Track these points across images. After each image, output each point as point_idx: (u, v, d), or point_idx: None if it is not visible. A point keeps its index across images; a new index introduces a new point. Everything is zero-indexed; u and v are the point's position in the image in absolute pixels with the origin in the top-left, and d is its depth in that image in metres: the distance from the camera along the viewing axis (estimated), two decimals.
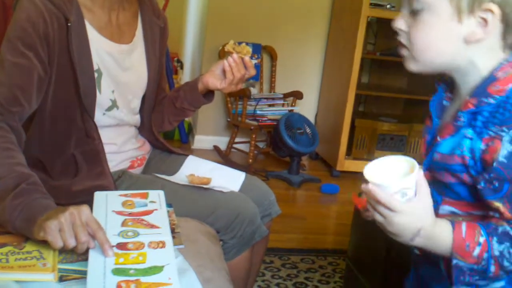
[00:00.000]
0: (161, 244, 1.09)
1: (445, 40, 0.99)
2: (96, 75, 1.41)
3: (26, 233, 1.09)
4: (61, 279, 1.01)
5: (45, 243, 1.06)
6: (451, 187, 1.03)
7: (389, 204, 0.91)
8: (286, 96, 4.10)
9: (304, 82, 4.30)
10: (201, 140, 4.30)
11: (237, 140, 4.11)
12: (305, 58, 4.30)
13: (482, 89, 0.98)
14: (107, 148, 1.46)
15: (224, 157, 4.02)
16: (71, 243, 1.03)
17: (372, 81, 4.46)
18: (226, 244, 1.46)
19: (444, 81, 1.13)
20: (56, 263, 1.05)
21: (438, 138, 1.04)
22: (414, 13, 1.00)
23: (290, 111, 3.97)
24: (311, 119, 4.31)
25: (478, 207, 1.01)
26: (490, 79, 0.98)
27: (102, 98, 1.44)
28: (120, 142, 1.54)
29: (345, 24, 3.93)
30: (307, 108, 4.33)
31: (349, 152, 3.92)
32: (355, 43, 3.69)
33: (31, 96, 1.30)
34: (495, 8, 0.93)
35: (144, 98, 1.60)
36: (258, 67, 4.11)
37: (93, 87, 1.41)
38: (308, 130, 3.75)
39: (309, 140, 3.71)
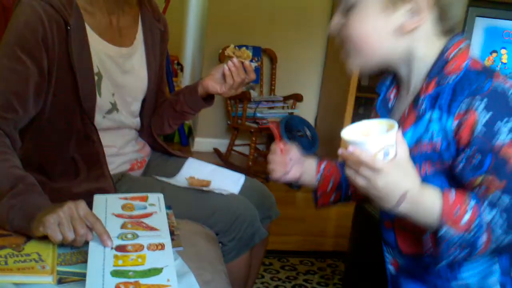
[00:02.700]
0: (160, 246, 1.09)
1: (376, 34, 0.99)
2: (96, 78, 1.41)
3: (25, 230, 1.10)
4: (60, 282, 1.02)
5: (45, 239, 1.07)
6: (423, 179, 0.97)
7: (372, 163, 0.84)
8: (286, 98, 4.10)
9: (304, 85, 4.31)
10: (201, 143, 4.30)
11: (237, 142, 4.11)
12: (305, 60, 4.31)
13: (437, 71, 0.97)
14: (107, 151, 1.46)
15: (224, 160, 4.02)
16: (70, 236, 1.05)
17: (372, 84, 4.46)
18: (225, 246, 1.46)
19: (384, 83, 1.12)
20: (55, 266, 1.05)
21: (401, 129, 1.01)
22: (347, 11, 1.00)
23: (290, 113, 3.98)
24: (311, 121, 4.31)
25: None
26: (442, 61, 0.97)
27: (102, 101, 1.44)
28: (120, 144, 1.55)
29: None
30: (307, 110, 4.33)
31: None
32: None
33: (27, 103, 1.30)
34: None
35: (144, 101, 1.61)
36: (258, 70, 4.11)
37: (93, 90, 1.41)
38: (308, 133, 3.74)
39: (309, 143, 3.70)
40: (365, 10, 0.97)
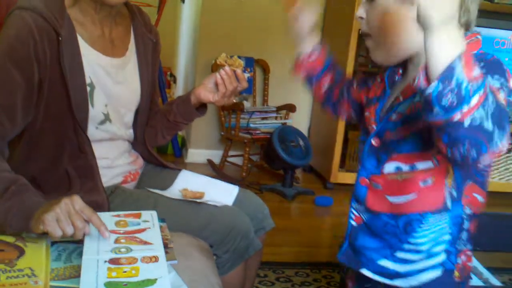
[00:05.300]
0: (154, 259, 1.09)
1: (400, 23, 1.00)
2: (88, 89, 1.41)
3: (23, 229, 1.13)
4: None
5: (44, 235, 1.11)
6: (405, 140, 1.03)
7: None
8: (279, 109, 4.11)
9: (297, 95, 4.31)
10: (195, 154, 4.30)
11: (230, 153, 4.11)
12: None
13: None
14: (100, 163, 1.46)
15: (217, 171, 4.01)
16: (69, 231, 1.08)
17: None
18: (219, 258, 1.45)
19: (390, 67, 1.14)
20: (48, 281, 1.04)
21: (401, 98, 1.04)
22: (371, 0, 1.03)
23: (283, 124, 3.98)
24: (304, 131, 4.32)
25: (424, 158, 1.02)
26: None
27: (95, 112, 1.43)
28: (113, 156, 1.54)
29: (336, 37, 3.95)
30: (300, 121, 4.34)
31: (342, 165, 3.92)
32: (347, 55, 3.71)
33: (14, 116, 1.30)
34: None
35: (137, 112, 1.60)
36: (251, 80, 4.12)
37: (85, 101, 1.40)
38: (301, 143, 3.75)
39: (302, 153, 3.71)
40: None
